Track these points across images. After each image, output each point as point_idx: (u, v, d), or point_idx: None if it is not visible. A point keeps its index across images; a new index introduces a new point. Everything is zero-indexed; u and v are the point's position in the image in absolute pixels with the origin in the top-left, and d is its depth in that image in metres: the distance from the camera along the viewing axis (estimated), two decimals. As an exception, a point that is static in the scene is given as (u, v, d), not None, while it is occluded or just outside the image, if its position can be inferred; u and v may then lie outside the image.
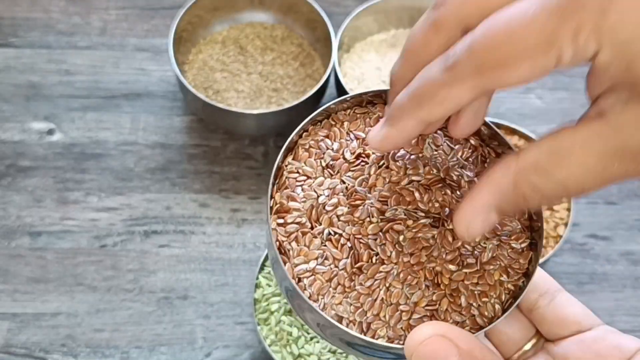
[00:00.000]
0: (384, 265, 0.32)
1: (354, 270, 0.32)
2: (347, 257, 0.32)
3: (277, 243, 0.32)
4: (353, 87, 0.71)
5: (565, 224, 0.63)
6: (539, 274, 0.37)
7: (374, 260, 0.32)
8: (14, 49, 0.75)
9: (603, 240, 0.68)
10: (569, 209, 0.64)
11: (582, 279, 0.66)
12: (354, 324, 0.32)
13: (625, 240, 0.68)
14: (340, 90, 0.69)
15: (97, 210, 0.67)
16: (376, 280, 0.32)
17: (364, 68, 0.73)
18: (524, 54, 0.25)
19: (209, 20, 0.75)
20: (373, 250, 0.33)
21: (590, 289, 0.66)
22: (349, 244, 0.32)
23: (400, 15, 0.75)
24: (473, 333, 0.32)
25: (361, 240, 0.32)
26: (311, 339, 0.58)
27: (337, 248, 0.33)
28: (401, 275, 0.32)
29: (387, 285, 0.32)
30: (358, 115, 0.35)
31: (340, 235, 0.33)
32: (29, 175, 0.69)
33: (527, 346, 0.37)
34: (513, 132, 0.66)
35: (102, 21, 0.78)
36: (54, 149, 0.70)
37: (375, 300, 0.32)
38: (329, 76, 0.69)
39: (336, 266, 0.32)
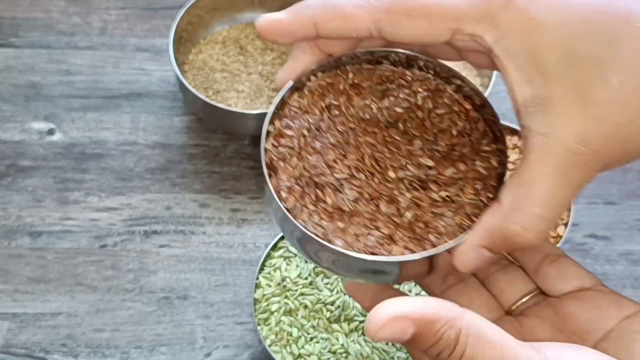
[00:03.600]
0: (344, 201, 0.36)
1: (318, 200, 0.35)
2: (311, 189, 0.36)
3: (269, 160, 0.36)
4: (353, 87, 0.71)
5: (565, 224, 0.63)
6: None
7: (335, 197, 0.35)
8: (14, 49, 0.75)
9: (603, 240, 0.68)
10: (569, 209, 0.64)
11: (582, 279, 0.66)
12: (319, 238, 0.35)
13: (625, 240, 0.68)
14: (340, 90, 0.69)
15: (97, 210, 0.67)
16: (335, 213, 0.35)
17: (364, 68, 0.73)
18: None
19: (209, 20, 0.75)
20: (334, 188, 0.36)
21: (590, 289, 0.65)
22: (314, 179, 0.36)
23: (400, 15, 0.75)
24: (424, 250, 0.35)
25: (328, 178, 0.36)
26: (311, 339, 0.58)
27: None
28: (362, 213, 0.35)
29: (345, 219, 0.35)
30: (364, 70, 0.38)
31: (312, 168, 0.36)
32: (29, 175, 0.69)
33: (526, 298, 0.39)
34: (513, 132, 0.66)
35: (102, 21, 0.78)
36: (54, 149, 0.70)
37: (335, 228, 0.35)
38: (329, 76, 0.69)
39: (304, 190, 0.36)
